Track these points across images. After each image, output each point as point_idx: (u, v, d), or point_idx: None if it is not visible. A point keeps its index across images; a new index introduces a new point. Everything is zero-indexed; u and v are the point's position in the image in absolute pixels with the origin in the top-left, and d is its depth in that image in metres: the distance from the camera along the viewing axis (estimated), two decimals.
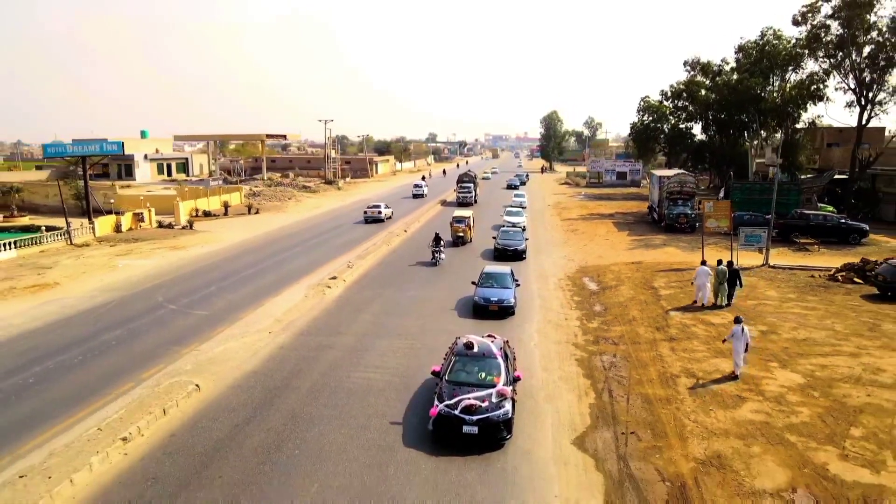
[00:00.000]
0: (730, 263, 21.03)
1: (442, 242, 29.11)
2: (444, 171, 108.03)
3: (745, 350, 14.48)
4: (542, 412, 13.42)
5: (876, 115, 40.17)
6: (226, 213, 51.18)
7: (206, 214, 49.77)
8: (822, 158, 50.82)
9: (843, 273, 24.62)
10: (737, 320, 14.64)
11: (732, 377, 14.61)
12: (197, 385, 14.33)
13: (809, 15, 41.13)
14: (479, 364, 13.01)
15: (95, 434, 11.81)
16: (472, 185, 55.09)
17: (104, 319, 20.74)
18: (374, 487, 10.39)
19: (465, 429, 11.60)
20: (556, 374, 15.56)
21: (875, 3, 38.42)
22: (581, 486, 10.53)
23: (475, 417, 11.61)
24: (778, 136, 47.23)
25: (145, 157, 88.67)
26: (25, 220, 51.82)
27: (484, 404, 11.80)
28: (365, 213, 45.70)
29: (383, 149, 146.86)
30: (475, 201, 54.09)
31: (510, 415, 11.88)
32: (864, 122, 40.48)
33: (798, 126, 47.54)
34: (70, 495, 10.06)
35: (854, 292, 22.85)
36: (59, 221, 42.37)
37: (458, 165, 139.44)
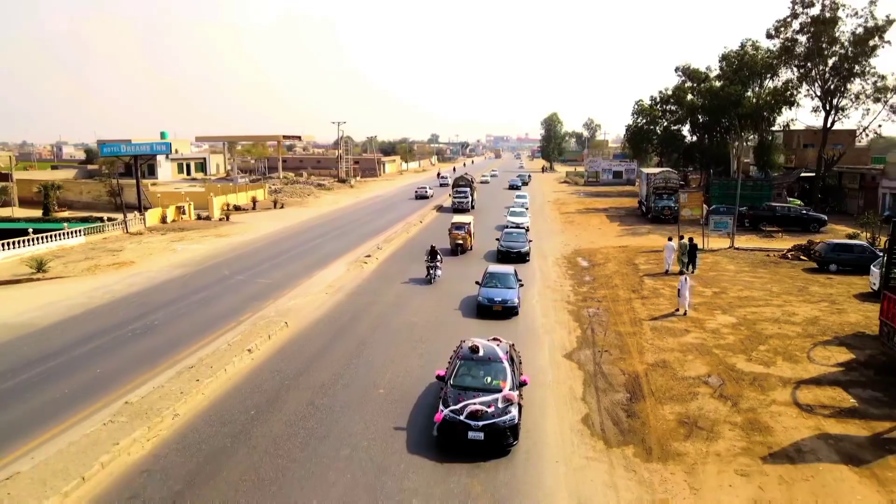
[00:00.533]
0: (690, 239, 26.06)
1: (439, 256, 25.72)
2: (454, 169, 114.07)
3: (687, 292, 19.66)
4: (542, 340, 18.37)
5: (839, 119, 45.14)
6: (254, 208, 56.26)
7: (237, 209, 54.76)
8: (797, 158, 55.78)
9: (792, 252, 29.63)
10: (680, 272, 19.73)
11: (675, 313, 19.78)
12: (286, 323, 19.34)
13: (781, 29, 46.05)
14: (485, 368, 12.81)
15: (227, 348, 16.80)
16: (468, 189, 52.81)
17: (189, 285, 25.74)
18: (429, 377, 15.34)
19: (471, 435, 11.40)
20: (553, 319, 20.54)
21: (838, 20, 43.36)
22: (568, 376, 15.50)
23: (481, 423, 11.42)
24: (755, 137, 52.18)
25: (167, 157, 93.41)
26: (65, 214, 56.80)
27: (490, 410, 11.60)
28: (416, 191, 64.82)
29: (388, 149, 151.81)
30: (472, 207, 51.69)
31: (516, 420, 11.68)
32: (828, 125, 45.41)
33: (774, 129, 52.42)
34: (227, 377, 15.04)
35: (798, 267, 27.84)
36: (93, 215, 47.99)
37: (464, 164, 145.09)
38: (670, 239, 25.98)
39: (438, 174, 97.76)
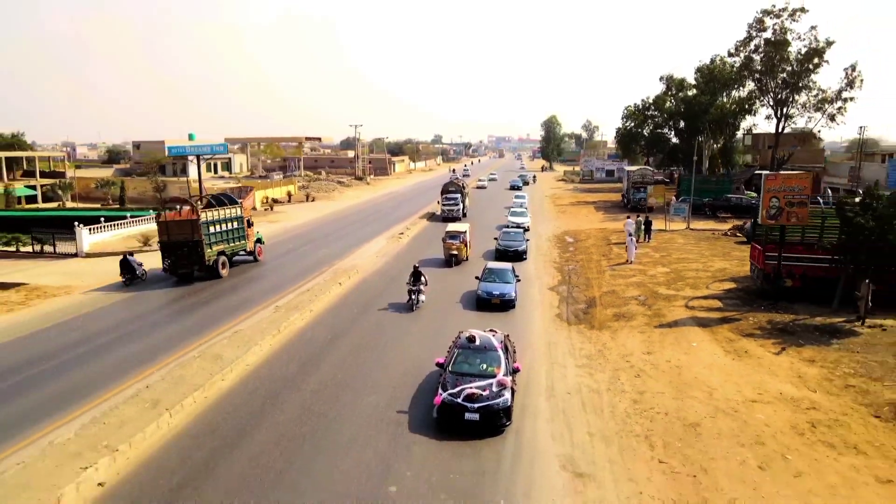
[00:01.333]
0: (646, 217, 34.54)
1: (423, 279, 22.60)
2: (465, 166, 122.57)
3: (635, 249, 28.30)
4: (534, 282, 26.77)
5: (788, 125, 53.49)
6: (289, 201, 64.75)
7: (275, 201, 63.23)
8: (761, 157, 64.20)
9: (731, 230, 38.07)
10: (629, 234, 28.19)
11: (627, 264, 28.30)
12: (357, 271, 27.83)
13: (741, 48, 54.38)
14: (481, 356, 13.83)
15: (324, 283, 25.32)
16: (459, 196, 47.66)
17: (268, 253, 34.09)
18: (460, 304, 23.75)
19: (468, 416, 12.36)
20: (542, 272, 28.99)
21: (787, 42, 51.65)
22: (549, 298, 23.97)
23: (477, 405, 12.39)
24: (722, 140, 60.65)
25: (197, 156, 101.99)
26: (116, 206, 65.24)
27: (485, 393, 12.61)
28: (454, 170, 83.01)
29: (395, 150, 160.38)
30: (464, 215, 47.12)
31: (509, 403, 12.70)
32: (780, 130, 53.78)
33: (738, 133, 60.82)
34: (330, 297, 23.54)
35: (733, 241, 36.25)
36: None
37: (471, 162, 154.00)
38: (628, 217, 34.51)
39: (453, 170, 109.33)
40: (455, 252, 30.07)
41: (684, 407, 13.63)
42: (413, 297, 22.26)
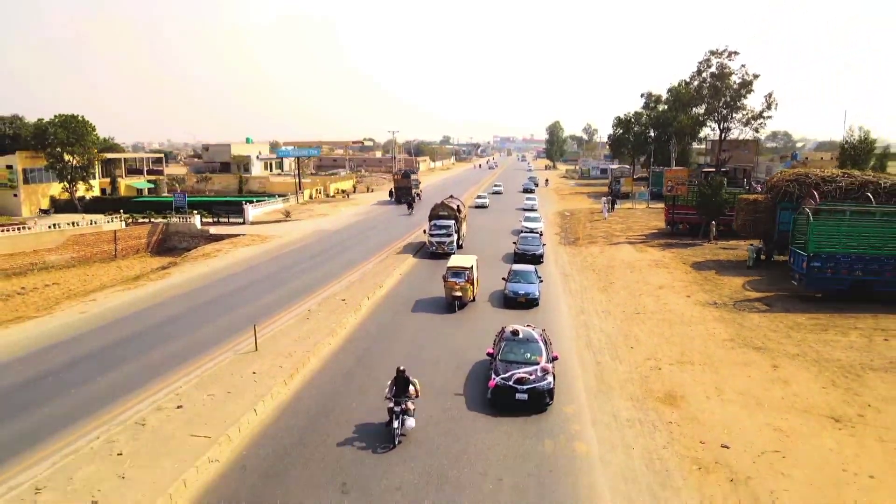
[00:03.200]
0: (614, 196, 54.11)
1: (412, 388, 14.00)
2: (487, 161, 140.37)
3: (606, 212, 48.13)
4: (546, 231, 46.28)
5: (728, 135, 72.92)
6: (354, 191, 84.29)
7: (343, 192, 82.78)
8: (714, 158, 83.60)
9: None
10: (604, 204, 47.91)
11: (601, 221, 48.13)
12: None
13: (695, 77, 73.70)
14: (525, 347, 16.21)
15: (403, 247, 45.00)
16: (453, 222, 37.41)
17: (367, 223, 53.53)
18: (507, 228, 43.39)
19: (518, 396, 14.75)
20: (549, 228, 48.56)
21: (730, 74, 70.90)
22: (554, 238, 43.62)
23: (525, 387, 14.79)
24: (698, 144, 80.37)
25: (257, 157, 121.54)
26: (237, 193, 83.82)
27: (532, 377, 14.96)
28: (488, 164, 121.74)
29: (416, 151, 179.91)
30: (460, 246, 37.72)
31: (552, 385, 15.02)
32: (722, 138, 73.24)
33: (699, 140, 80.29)
34: (408, 266, 43.16)
35: None
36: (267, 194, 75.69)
37: (489, 160, 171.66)
38: (603, 196, 54.17)
39: (479, 165, 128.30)
40: (459, 293, 24.48)
41: (610, 263, 33.31)
42: (395, 420, 13.62)
